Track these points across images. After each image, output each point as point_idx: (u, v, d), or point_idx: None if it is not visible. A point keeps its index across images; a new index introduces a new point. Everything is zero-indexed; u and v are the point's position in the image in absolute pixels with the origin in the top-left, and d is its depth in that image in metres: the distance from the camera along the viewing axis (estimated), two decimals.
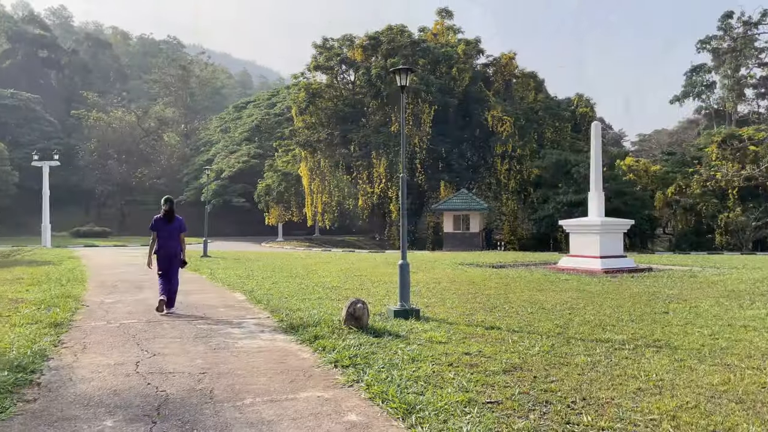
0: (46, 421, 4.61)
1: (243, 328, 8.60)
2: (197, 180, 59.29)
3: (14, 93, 64.57)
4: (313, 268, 18.99)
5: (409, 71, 9.62)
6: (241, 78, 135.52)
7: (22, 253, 28.26)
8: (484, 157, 46.19)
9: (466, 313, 9.73)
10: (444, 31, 48.90)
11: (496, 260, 22.76)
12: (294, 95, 49.90)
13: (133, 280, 15.11)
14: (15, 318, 8.91)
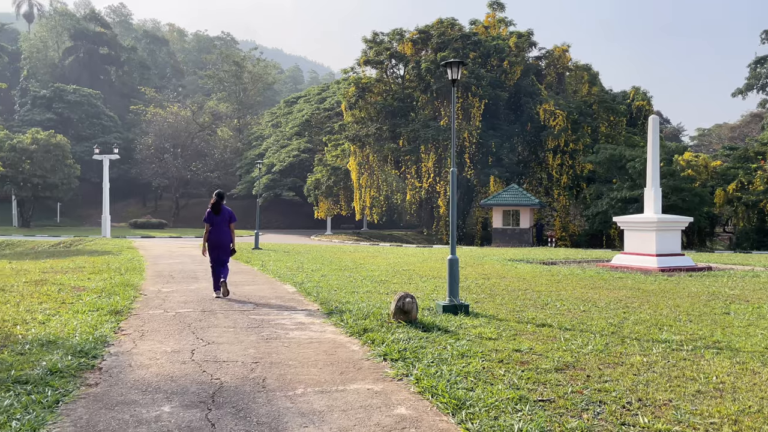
0: (107, 405, 4.80)
1: (293, 320, 8.73)
2: (249, 174, 60.44)
3: (76, 89, 67.20)
4: (362, 261, 19.09)
5: (460, 64, 9.52)
6: (293, 73, 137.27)
7: (84, 243, 29.46)
8: (535, 152, 45.40)
9: (516, 310, 9.61)
10: (495, 23, 48.23)
11: (546, 257, 22.37)
12: (344, 90, 50.21)
13: (187, 271, 15.54)
14: (78, 305, 9.29)
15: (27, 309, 8.81)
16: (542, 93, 44.01)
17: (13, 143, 49.50)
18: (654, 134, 19.01)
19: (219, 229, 11.00)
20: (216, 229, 10.99)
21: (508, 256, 22.27)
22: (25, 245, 33.62)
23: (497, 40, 44.52)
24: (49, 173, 50.73)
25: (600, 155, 38.54)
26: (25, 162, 49.10)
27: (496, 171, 41.72)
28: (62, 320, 8.01)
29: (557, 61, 47.34)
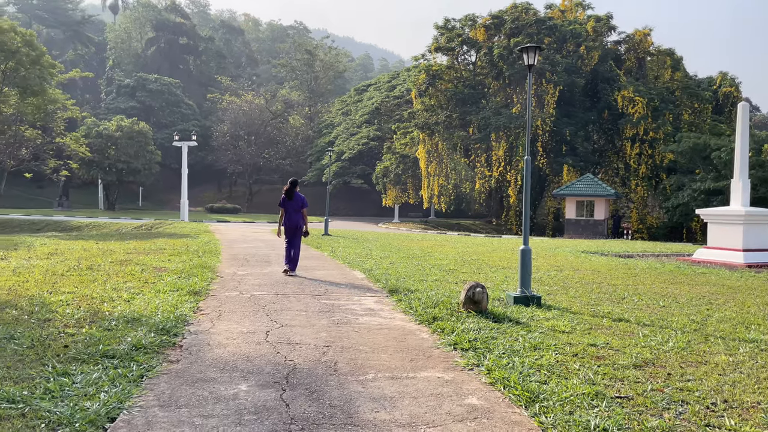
0: (187, 381, 5.00)
1: (363, 305, 8.81)
2: (319, 161, 61.39)
3: (158, 78, 70.07)
4: (429, 250, 19.04)
5: (537, 49, 9.26)
6: (363, 61, 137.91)
7: (164, 226, 30.81)
8: (612, 141, 43.77)
9: (591, 303, 9.32)
10: (572, 7, 46.65)
11: (622, 249, 21.59)
12: (414, 77, 50.00)
13: (261, 255, 15.97)
14: (159, 285, 9.73)
15: (113, 287, 9.30)
16: (621, 79, 42.27)
17: (99, 130, 52.26)
18: (743, 122, 17.91)
19: (292, 213, 12.14)
20: (289, 213, 12.13)
21: (581, 247, 21.65)
22: (110, 227, 35.53)
23: (574, 25, 43.06)
24: (133, 159, 53.28)
25: (682, 144, 36.71)
26: (111, 148, 51.75)
27: (570, 160, 40.52)
28: (145, 299, 8.41)
29: (638, 46, 45.31)
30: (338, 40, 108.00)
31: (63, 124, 38.64)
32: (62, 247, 16.09)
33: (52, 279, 10.02)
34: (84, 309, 7.53)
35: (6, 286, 9.10)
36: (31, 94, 32.46)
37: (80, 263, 12.19)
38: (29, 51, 31.83)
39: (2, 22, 32.06)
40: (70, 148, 38.97)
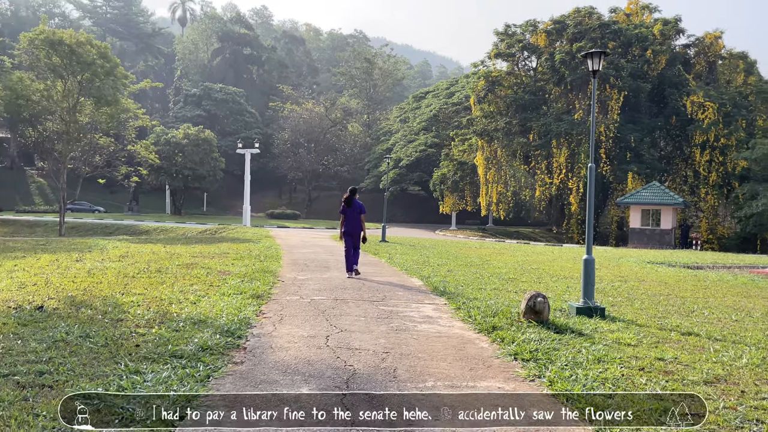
0: (251, 383, 5.13)
1: (421, 313, 8.80)
2: (377, 168, 61.77)
3: (223, 87, 72.31)
4: (488, 258, 18.84)
5: (602, 54, 9.05)
6: (421, 68, 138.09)
7: (227, 230, 31.72)
8: (680, 147, 42.17)
9: (658, 316, 9.00)
10: (638, 10, 45.30)
11: (691, 260, 20.75)
12: (473, 84, 49.70)
13: (320, 260, 16.20)
14: (223, 288, 10.02)
15: (180, 290, 9.64)
16: (690, 83, 40.72)
17: (167, 138, 54.39)
18: None
19: (352, 219, 12.73)
20: (349, 219, 12.72)
21: (647, 258, 20.93)
22: (176, 231, 36.86)
23: (640, 28, 41.79)
24: (198, 165, 55.13)
25: (756, 151, 35.04)
26: (178, 155, 53.73)
27: (635, 167, 39.25)
28: (210, 301, 8.68)
29: (708, 49, 43.54)
30: (397, 48, 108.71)
31: (134, 132, 40.32)
32: (132, 250, 16.80)
33: (124, 280, 10.48)
34: (153, 310, 7.85)
35: (82, 287, 9.58)
36: (105, 103, 34.03)
37: (149, 266, 12.69)
38: (104, 63, 33.41)
39: (79, 36, 33.78)
40: (140, 155, 40.61)
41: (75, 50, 32.31)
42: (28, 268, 12.03)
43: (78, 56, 32.46)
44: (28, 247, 17.89)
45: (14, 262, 13.11)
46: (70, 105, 33.62)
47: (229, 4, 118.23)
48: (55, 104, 33.80)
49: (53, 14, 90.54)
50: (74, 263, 13.08)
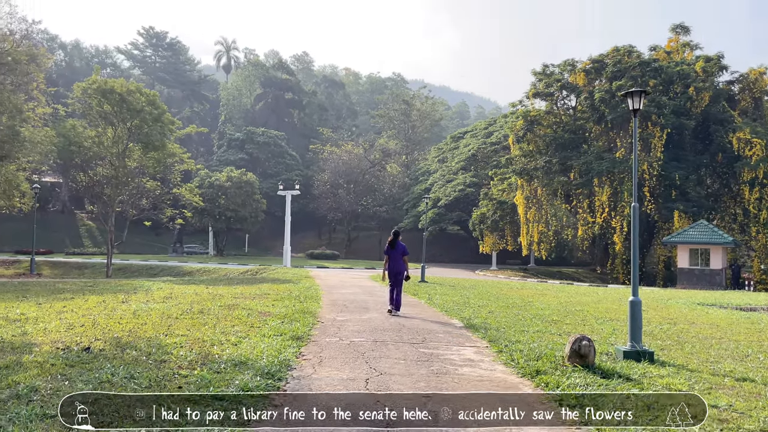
0: (292, 425, 5.10)
1: (462, 356, 8.65)
2: (415, 208, 61.89)
3: (265, 131, 74.21)
4: (530, 299, 18.48)
5: (642, 93, 8.98)
6: (459, 109, 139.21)
7: (268, 271, 32.07)
8: (727, 185, 41.03)
9: (710, 361, 8.63)
10: (679, 48, 44.90)
11: (744, 302, 19.93)
12: (511, 123, 49.74)
13: (359, 301, 16.17)
14: (264, 329, 10.08)
15: (222, 331, 9.74)
16: (735, 120, 39.84)
17: (211, 180, 55.84)
18: None
19: (395, 260, 13.50)
20: (392, 260, 13.52)
21: (696, 299, 20.20)
22: (218, 272, 37.44)
23: (681, 66, 41.34)
24: (240, 207, 56.26)
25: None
26: (221, 197, 55.01)
27: (681, 205, 38.27)
28: (251, 343, 8.73)
29: (753, 85, 42.68)
30: (435, 90, 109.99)
31: (179, 175, 41.58)
32: (176, 292, 17.10)
33: (167, 322, 10.64)
34: (196, 351, 7.93)
35: (127, 328, 9.77)
36: (153, 149, 35.31)
37: (192, 307, 12.88)
38: (152, 110, 34.81)
39: (130, 84, 35.38)
40: (185, 197, 41.76)
41: (125, 98, 33.79)
42: (76, 309, 12.35)
43: (128, 104, 33.91)
44: (76, 289, 18.41)
45: (63, 304, 13.49)
46: (120, 150, 34.97)
47: (271, 51, 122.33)
48: (106, 150, 35.22)
49: (105, 64, 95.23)
50: (120, 304, 13.38)
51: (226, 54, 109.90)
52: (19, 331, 9.34)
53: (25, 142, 30.32)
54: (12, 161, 30.95)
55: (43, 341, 8.54)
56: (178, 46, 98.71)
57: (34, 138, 31.34)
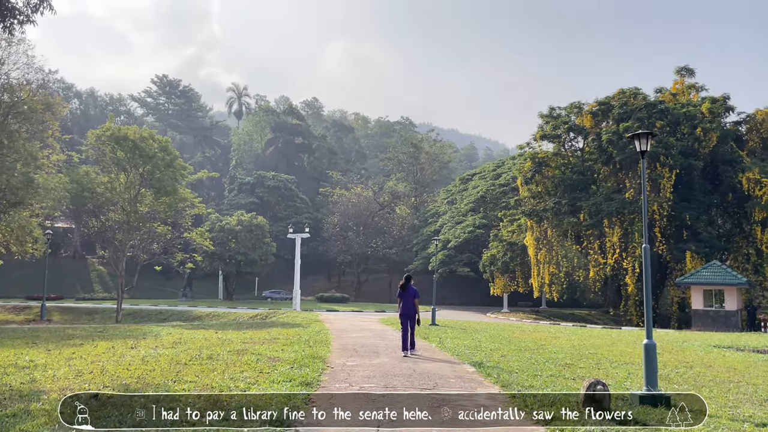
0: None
1: (474, 401, 8.48)
2: (425, 250, 61.77)
3: (275, 175, 75.01)
4: (543, 342, 18.21)
5: (649, 135, 9.04)
6: (467, 151, 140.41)
7: (277, 315, 31.89)
8: (739, 225, 40.74)
9: (729, 406, 8.42)
10: (684, 90, 45.32)
11: (761, 344, 19.52)
12: (519, 165, 49.98)
13: (369, 345, 16.00)
14: (273, 375, 9.97)
15: (231, 377, 9.64)
16: (744, 160, 39.84)
17: (222, 224, 56.18)
18: None
19: (406, 302, 14.03)
20: (404, 302, 14.06)
21: (712, 341, 19.83)
22: (228, 316, 37.28)
23: (687, 107, 41.65)
24: (250, 251, 56.40)
25: None
26: (231, 241, 55.23)
27: (693, 246, 37.96)
28: (260, 389, 8.63)
29: (760, 125, 42.81)
30: (443, 133, 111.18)
31: (190, 219, 41.83)
32: (185, 337, 17.02)
33: (176, 368, 10.57)
34: (204, 398, 7.84)
35: (136, 375, 9.71)
36: (165, 194, 35.70)
37: (201, 352, 12.80)
38: (164, 155, 35.36)
39: (143, 131, 36.06)
40: (195, 242, 41.97)
41: (138, 144, 34.39)
42: (85, 356, 12.30)
43: (141, 150, 34.49)
44: (86, 335, 18.37)
45: (72, 350, 13.45)
46: (132, 196, 35.38)
47: (282, 98, 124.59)
48: (118, 195, 35.64)
49: (119, 112, 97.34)
50: (129, 350, 13.32)
51: (238, 100, 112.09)
52: (28, 378, 9.30)
53: (39, 189, 30.78)
54: (26, 207, 31.38)
55: (51, 388, 8.49)
56: (191, 94, 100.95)
57: (48, 185, 31.83)
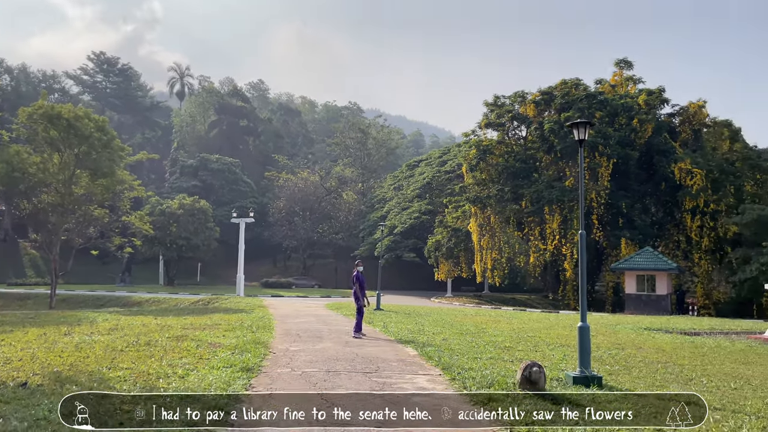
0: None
1: (415, 384, 8.61)
2: (371, 235, 61.94)
3: (219, 158, 73.39)
4: (484, 326, 18.61)
5: (587, 125, 9.30)
6: (414, 138, 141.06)
7: (220, 301, 31.39)
8: (671, 213, 42.60)
9: (656, 385, 8.84)
10: (623, 82, 46.82)
11: (688, 326, 20.56)
12: (465, 152, 50.61)
13: (313, 330, 15.97)
14: (213, 361, 9.82)
15: (169, 363, 9.44)
16: (677, 151, 41.58)
17: (162, 208, 54.62)
18: None
19: (359, 287, 15.24)
20: (358, 287, 15.24)
21: (643, 324, 20.73)
22: (169, 302, 36.42)
23: (625, 99, 43.08)
24: (193, 235, 55.10)
25: (746, 216, 35.41)
26: (172, 225, 53.79)
27: (628, 233, 39.49)
28: (199, 375, 8.49)
29: (692, 118, 44.76)
30: (390, 119, 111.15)
31: (129, 203, 40.43)
32: (123, 323, 16.54)
33: (112, 354, 10.26)
34: (140, 385, 7.65)
35: (68, 362, 9.37)
36: (101, 175, 34.32)
37: (139, 339, 12.47)
38: (101, 136, 33.95)
39: (78, 110, 34.47)
40: (134, 225, 40.61)
41: (73, 124, 32.88)
42: (15, 343, 11.79)
43: (75, 130, 32.99)
44: (16, 321, 17.59)
45: (1, 337, 12.86)
46: (66, 177, 33.88)
47: (226, 79, 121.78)
48: (51, 176, 34.05)
49: (53, 89, 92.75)
50: (62, 337, 12.85)
51: (180, 80, 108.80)
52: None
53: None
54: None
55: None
56: (130, 72, 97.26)
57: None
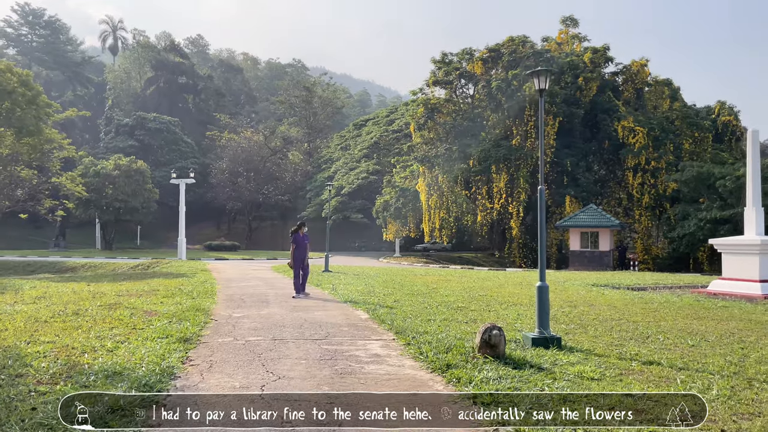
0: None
1: (368, 351, 8.09)
2: (318, 196, 60.96)
3: (157, 116, 70.19)
4: (434, 286, 18.32)
5: (548, 73, 8.77)
6: (361, 97, 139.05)
7: (161, 265, 30.08)
8: (613, 171, 43.41)
9: (615, 344, 8.62)
10: (569, 39, 46.83)
11: (633, 281, 20.88)
12: (412, 111, 49.95)
13: (258, 294, 15.25)
14: (148, 331, 9.02)
15: (97, 335, 8.60)
16: (620, 109, 42.12)
17: (97, 169, 51.86)
18: (754, 149, 17.44)
19: (301, 248, 14.95)
20: (299, 248, 14.93)
21: (590, 280, 20.93)
22: (105, 267, 34.79)
23: (571, 57, 43.13)
24: (130, 197, 52.76)
25: (685, 173, 36.30)
26: (108, 187, 51.27)
27: (572, 191, 40.05)
28: (130, 348, 7.71)
29: (635, 77, 45.32)
30: (336, 77, 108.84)
31: (59, 163, 38.03)
32: (51, 291, 15.39)
33: (34, 326, 9.32)
34: (61, 362, 6.83)
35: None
36: (27, 134, 32.00)
37: (66, 308, 11.49)
38: (25, 91, 31.54)
39: (0, 64, 31.88)
40: (66, 187, 38.34)
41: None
42: None
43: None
44: None
45: None
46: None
47: (163, 33, 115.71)
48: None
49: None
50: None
51: (113, 34, 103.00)
52: None
53: None
54: None
55: None
56: (58, 25, 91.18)
57: None
